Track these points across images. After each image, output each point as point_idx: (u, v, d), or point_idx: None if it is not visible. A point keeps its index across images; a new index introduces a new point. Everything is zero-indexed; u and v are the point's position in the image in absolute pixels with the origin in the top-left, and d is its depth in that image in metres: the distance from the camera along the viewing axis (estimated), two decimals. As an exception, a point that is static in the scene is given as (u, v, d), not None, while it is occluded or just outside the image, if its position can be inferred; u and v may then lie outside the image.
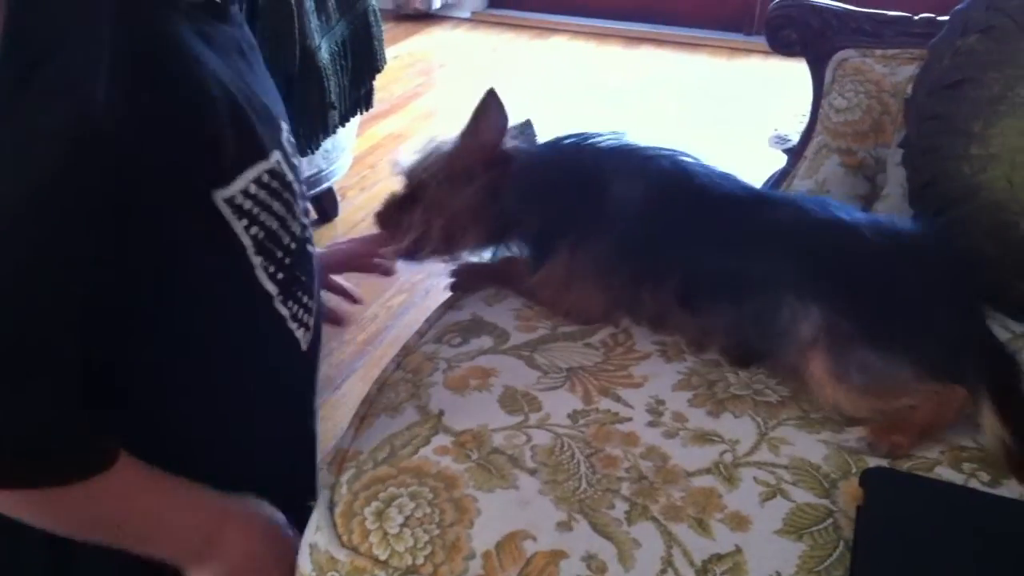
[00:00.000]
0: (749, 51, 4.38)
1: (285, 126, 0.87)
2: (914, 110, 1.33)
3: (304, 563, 0.91)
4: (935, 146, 1.29)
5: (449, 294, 1.28)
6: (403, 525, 0.88)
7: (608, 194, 1.13)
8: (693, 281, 1.10)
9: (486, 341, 1.12)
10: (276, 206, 0.81)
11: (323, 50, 2.23)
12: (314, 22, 2.19)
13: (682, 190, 1.13)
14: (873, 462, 0.96)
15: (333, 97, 2.28)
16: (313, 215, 2.81)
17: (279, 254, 0.84)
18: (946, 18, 1.36)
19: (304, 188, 0.91)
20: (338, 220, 2.84)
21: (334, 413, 2.05)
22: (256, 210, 0.79)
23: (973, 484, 0.94)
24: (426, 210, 1.18)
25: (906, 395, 1.01)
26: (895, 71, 1.45)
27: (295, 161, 0.87)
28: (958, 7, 1.32)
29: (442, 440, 0.96)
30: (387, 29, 2.79)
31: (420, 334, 1.18)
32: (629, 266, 1.13)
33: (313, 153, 2.36)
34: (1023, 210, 1.20)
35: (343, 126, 2.41)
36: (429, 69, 4.26)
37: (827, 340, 1.02)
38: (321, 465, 0.98)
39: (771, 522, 0.89)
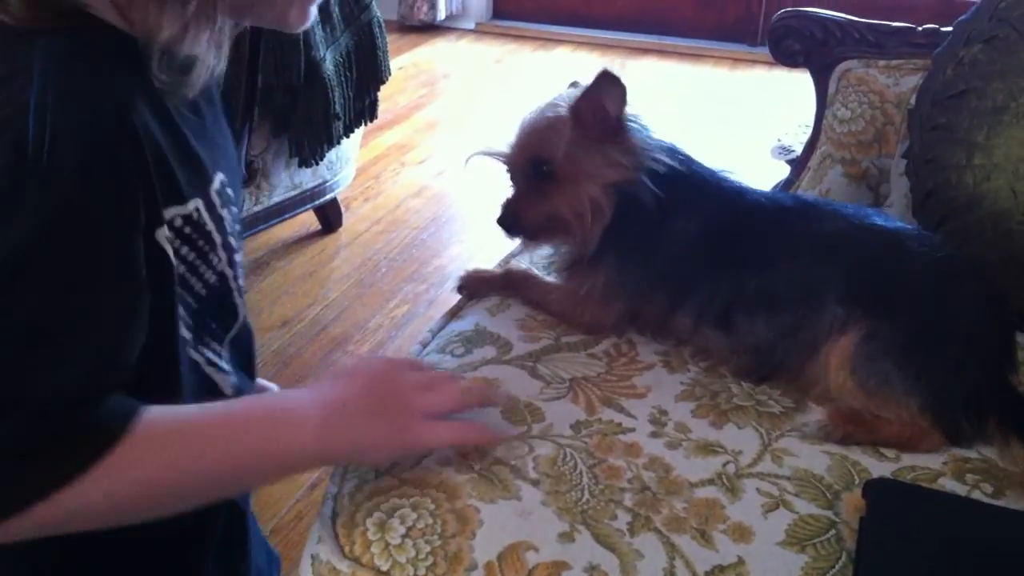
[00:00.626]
0: (752, 62, 4.39)
1: (221, 177, 0.86)
2: (917, 120, 1.33)
3: (306, 574, 0.91)
4: (938, 156, 1.29)
5: (451, 304, 1.28)
6: (405, 536, 0.88)
7: (665, 226, 1.13)
8: (736, 301, 1.10)
9: (489, 351, 1.12)
10: (185, 251, 0.80)
11: (328, 61, 2.24)
12: (319, 33, 2.20)
13: (734, 215, 1.14)
14: (876, 472, 0.96)
15: (337, 108, 2.29)
16: (317, 226, 2.82)
17: (188, 299, 0.83)
18: (949, 29, 1.36)
19: (237, 241, 0.89)
20: (342, 231, 2.85)
21: (337, 423, 2.05)
22: (174, 251, 0.79)
23: (976, 496, 0.94)
24: (566, 183, 1.12)
25: (899, 412, 1.01)
26: (898, 81, 1.46)
27: (224, 212, 0.85)
28: (961, 18, 1.32)
29: (444, 450, 0.96)
30: (391, 40, 2.81)
31: (423, 344, 1.18)
32: (667, 294, 1.14)
33: (317, 164, 2.37)
34: (1026, 220, 1.20)
35: (347, 137, 2.42)
36: (433, 80, 4.27)
37: (859, 336, 1.03)
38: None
39: (774, 533, 0.89)
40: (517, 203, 1.15)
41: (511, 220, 1.15)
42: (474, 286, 1.26)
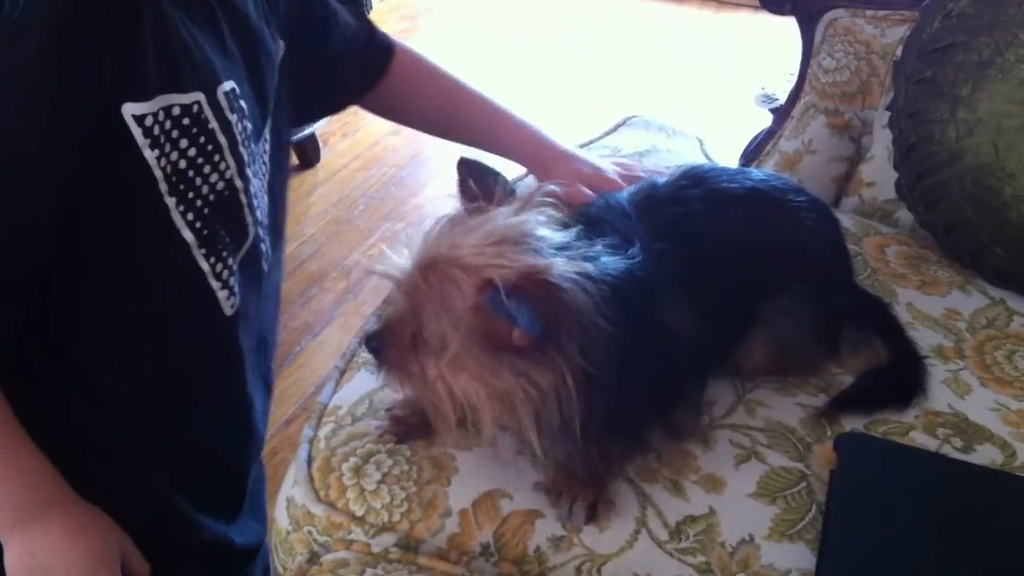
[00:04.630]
0: (737, 5, 4.34)
1: (232, 85, 0.84)
2: (902, 73, 1.32)
3: (281, 516, 0.91)
4: (922, 109, 1.28)
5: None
6: (380, 482, 0.88)
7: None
8: None
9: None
10: (184, 144, 0.79)
11: (307, -7, 2.19)
12: (298, -36, 2.15)
13: None
14: (848, 426, 0.97)
15: (316, 41, 2.24)
16: (295, 161, 2.78)
17: (195, 200, 0.82)
18: (938, -20, 1.35)
19: (252, 158, 0.88)
20: (320, 166, 2.82)
21: (312, 360, 2.05)
22: (164, 140, 0.78)
23: (946, 450, 0.95)
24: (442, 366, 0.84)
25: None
26: (885, 32, 1.44)
27: (233, 118, 0.83)
28: (951, -31, 1.31)
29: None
30: (372, -28, 2.75)
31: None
32: None
33: (295, 98, 2.33)
34: (1007, 175, 1.20)
35: (326, 71, 2.37)
36: (414, 14, 4.20)
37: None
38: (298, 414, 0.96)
39: (745, 485, 0.90)
40: (387, 339, 0.85)
41: (376, 351, 0.87)
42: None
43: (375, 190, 2.72)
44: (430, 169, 2.86)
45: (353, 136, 3.01)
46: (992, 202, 1.22)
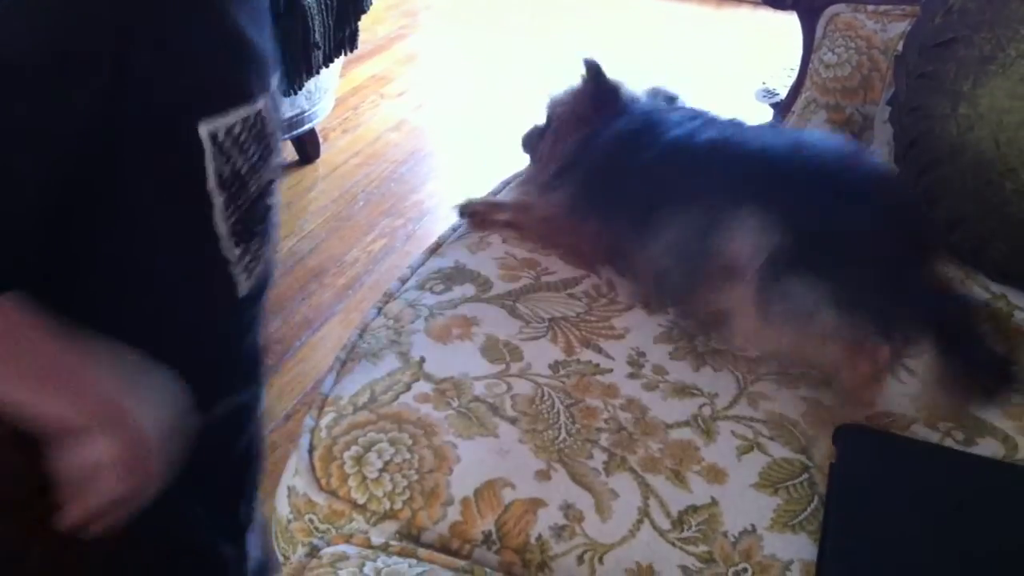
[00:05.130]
0: (738, 1, 4.34)
1: (276, 80, 0.85)
2: (903, 68, 1.32)
3: (282, 506, 0.91)
4: (923, 104, 1.28)
5: (430, 240, 1.27)
6: (382, 470, 0.88)
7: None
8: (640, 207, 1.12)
9: (468, 289, 1.12)
10: (252, 150, 0.80)
11: (308, -12, 2.19)
12: (299, -41, 2.15)
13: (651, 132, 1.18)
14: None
15: (317, 36, 2.25)
16: (294, 156, 2.78)
17: (240, 198, 0.83)
18: (939, -24, 1.35)
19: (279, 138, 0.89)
20: (320, 162, 2.81)
21: (312, 355, 2.05)
22: (231, 148, 0.78)
23: (948, 443, 0.95)
24: (551, 139, 1.29)
25: (824, 341, 0.99)
26: (886, 28, 1.44)
27: (277, 116, 0.85)
28: (952, -35, 1.31)
29: (423, 387, 0.96)
30: (373, -32, 2.74)
31: (402, 281, 1.17)
32: (593, 206, 1.17)
33: (296, 93, 2.33)
34: (1008, 171, 1.20)
35: (327, 67, 2.38)
36: (414, 11, 4.19)
37: (760, 265, 1.00)
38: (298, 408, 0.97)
39: (747, 476, 0.90)
40: None
41: None
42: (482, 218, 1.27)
43: (375, 186, 2.71)
44: (430, 165, 2.86)
45: (353, 132, 3.00)
46: (993, 198, 1.22)
